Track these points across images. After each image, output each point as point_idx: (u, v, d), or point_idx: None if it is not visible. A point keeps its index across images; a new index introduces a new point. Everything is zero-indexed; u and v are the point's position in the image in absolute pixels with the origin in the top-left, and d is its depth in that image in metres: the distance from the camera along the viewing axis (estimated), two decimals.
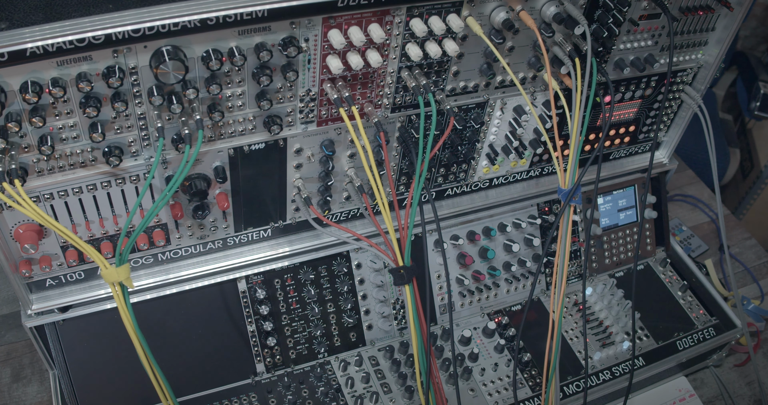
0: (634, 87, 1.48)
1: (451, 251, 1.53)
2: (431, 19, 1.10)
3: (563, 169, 1.27)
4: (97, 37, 0.89)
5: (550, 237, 1.32)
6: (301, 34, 1.03)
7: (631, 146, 1.65)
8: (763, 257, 1.97)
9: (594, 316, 1.63)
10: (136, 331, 1.05)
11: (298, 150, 1.21)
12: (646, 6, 1.31)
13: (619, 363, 1.55)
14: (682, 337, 1.62)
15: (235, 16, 0.94)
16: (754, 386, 1.66)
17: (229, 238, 1.32)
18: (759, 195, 2.77)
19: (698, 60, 1.51)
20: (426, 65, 1.19)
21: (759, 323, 1.72)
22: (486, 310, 1.58)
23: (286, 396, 1.39)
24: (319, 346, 1.45)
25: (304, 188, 1.26)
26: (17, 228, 1.10)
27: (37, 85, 0.92)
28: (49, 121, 0.98)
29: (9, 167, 0.96)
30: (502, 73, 1.28)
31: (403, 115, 1.25)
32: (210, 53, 0.98)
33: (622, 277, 1.72)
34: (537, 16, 1.20)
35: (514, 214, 1.59)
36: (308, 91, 1.13)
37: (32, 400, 1.45)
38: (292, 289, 1.42)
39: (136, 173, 1.11)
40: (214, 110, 1.06)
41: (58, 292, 1.25)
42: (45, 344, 1.30)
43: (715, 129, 1.48)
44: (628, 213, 1.74)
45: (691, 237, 1.96)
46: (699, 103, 1.53)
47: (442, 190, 1.46)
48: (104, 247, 1.19)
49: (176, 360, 1.35)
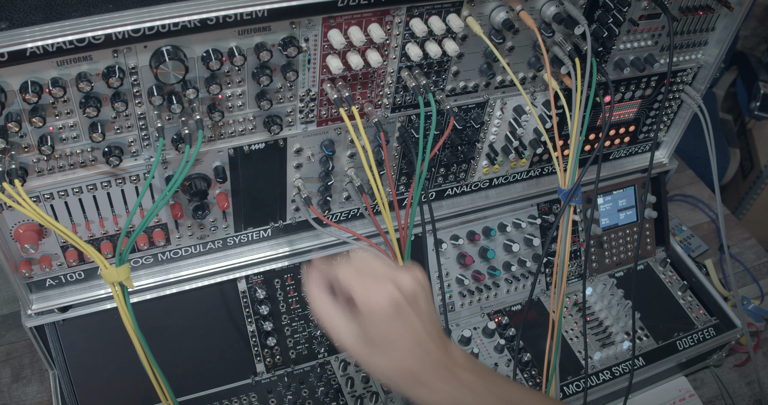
0: (634, 87, 1.48)
1: (451, 251, 1.53)
2: (431, 19, 1.10)
3: (563, 169, 1.27)
4: (97, 37, 0.89)
5: (550, 237, 1.32)
6: (301, 34, 1.03)
7: (631, 146, 1.65)
8: (763, 257, 1.97)
9: (594, 316, 1.63)
10: (136, 331, 1.05)
11: (298, 150, 1.21)
12: (646, 6, 1.31)
13: (619, 363, 1.55)
14: (682, 337, 1.62)
15: (235, 16, 0.94)
16: (754, 386, 1.66)
17: (229, 238, 1.32)
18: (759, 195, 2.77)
19: (698, 60, 1.51)
20: (426, 65, 1.19)
21: (759, 323, 1.72)
22: (486, 310, 1.58)
23: (286, 396, 1.39)
24: (319, 346, 1.45)
25: (304, 188, 1.26)
26: (17, 228, 1.10)
27: (37, 85, 0.91)
28: (49, 121, 0.98)
29: (9, 167, 0.96)
30: (502, 73, 1.28)
31: (403, 115, 1.25)
32: (210, 53, 0.98)
33: (622, 277, 1.72)
34: (537, 16, 1.20)
35: (514, 214, 1.59)
36: (308, 91, 1.13)
37: (32, 400, 1.45)
38: (292, 289, 1.42)
39: (136, 173, 1.11)
40: (214, 110, 1.06)
41: (58, 292, 1.25)
42: (45, 344, 1.30)
43: (715, 129, 1.48)
44: (628, 213, 1.74)
45: (691, 237, 1.96)
46: (699, 103, 1.53)
47: (442, 190, 1.46)
48: (104, 247, 1.19)
49: (176, 360, 1.35)
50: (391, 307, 0.89)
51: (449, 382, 0.94)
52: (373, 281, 0.91)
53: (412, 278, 0.92)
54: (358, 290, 0.91)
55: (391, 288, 0.90)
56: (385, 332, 0.91)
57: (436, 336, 0.93)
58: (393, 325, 0.90)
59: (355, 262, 0.94)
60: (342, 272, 0.93)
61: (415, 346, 0.91)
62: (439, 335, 0.94)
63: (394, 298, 0.90)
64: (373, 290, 0.90)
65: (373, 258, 0.96)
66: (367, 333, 0.91)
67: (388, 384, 0.97)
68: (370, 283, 0.91)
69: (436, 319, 0.95)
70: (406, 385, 0.93)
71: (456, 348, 0.97)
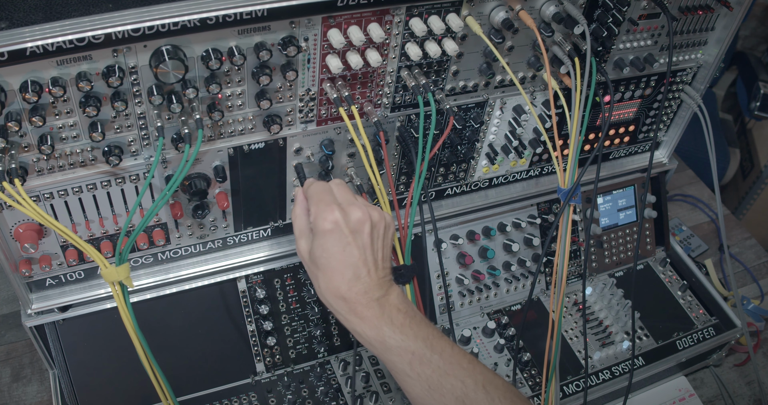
0: (633, 87, 1.48)
1: (450, 251, 1.53)
2: (431, 19, 1.10)
3: (563, 169, 1.27)
4: (97, 37, 0.89)
5: (550, 237, 1.32)
6: (300, 33, 1.03)
7: (631, 146, 1.65)
8: (763, 257, 1.97)
9: (594, 316, 1.63)
10: (136, 330, 1.05)
11: (298, 149, 1.21)
12: (646, 5, 1.31)
13: (619, 363, 1.55)
14: (682, 336, 1.62)
15: (234, 15, 0.94)
16: (754, 386, 1.66)
17: (229, 237, 1.32)
18: (759, 195, 2.78)
19: (698, 60, 1.51)
20: (425, 65, 1.19)
21: (759, 323, 1.72)
22: (486, 310, 1.58)
23: (285, 396, 1.39)
24: (318, 345, 1.45)
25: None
26: (17, 227, 1.10)
27: (37, 85, 0.92)
28: (48, 120, 0.98)
29: (9, 167, 0.96)
30: (502, 72, 1.29)
31: (402, 114, 1.25)
32: (210, 53, 0.98)
33: (621, 277, 1.72)
34: (536, 16, 1.20)
35: (514, 213, 1.59)
36: (308, 91, 1.13)
37: (32, 400, 1.45)
38: (291, 289, 1.42)
39: (135, 173, 1.11)
40: (213, 110, 1.06)
41: (58, 292, 1.25)
42: (45, 344, 1.30)
43: (715, 129, 1.49)
44: (627, 213, 1.74)
45: (691, 237, 1.96)
46: (699, 103, 1.53)
47: (442, 190, 1.46)
48: (104, 246, 1.19)
49: (176, 360, 1.35)
50: (332, 231, 1.00)
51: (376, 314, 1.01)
52: (325, 205, 1.02)
53: (362, 212, 1.02)
54: (312, 210, 1.03)
55: (337, 214, 1.01)
56: (324, 253, 1.01)
57: (374, 270, 1.02)
58: (331, 246, 1.01)
59: (322, 186, 1.06)
60: (310, 191, 1.06)
61: (348, 271, 1.01)
62: (379, 271, 1.03)
63: (338, 224, 1.00)
64: (322, 213, 1.01)
65: (343, 187, 1.07)
66: (313, 251, 1.03)
67: (328, 306, 1.05)
68: (323, 206, 1.02)
69: (383, 258, 1.04)
70: (340, 309, 1.03)
71: (397, 291, 1.05)
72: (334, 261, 1.00)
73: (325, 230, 1.01)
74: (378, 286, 1.02)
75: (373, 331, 1.01)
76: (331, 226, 1.00)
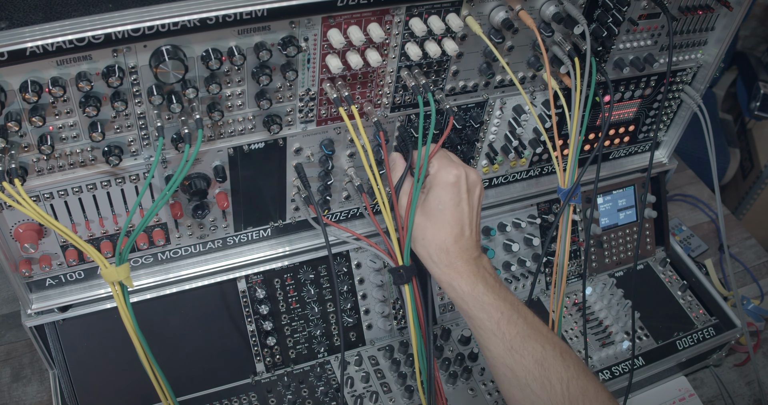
0: (633, 86, 1.48)
1: None
2: (430, 19, 1.10)
3: (563, 169, 1.27)
4: (96, 37, 0.89)
5: (550, 237, 1.32)
6: (300, 33, 1.03)
7: (631, 146, 1.65)
8: (763, 257, 1.97)
9: (594, 316, 1.63)
10: (136, 330, 1.05)
11: (298, 149, 1.21)
12: (646, 5, 1.31)
13: (619, 363, 1.55)
14: (682, 336, 1.62)
15: (234, 15, 0.94)
16: (754, 386, 1.66)
17: (229, 237, 1.32)
18: (759, 195, 2.78)
19: (698, 60, 1.51)
20: (425, 65, 1.19)
21: (759, 323, 1.72)
22: None
23: (285, 395, 1.39)
24: (318, 345, 1.45)
25: (303, 188, 1.26)
26: (17, 227, 1.10)
27: (36, 85, 0.92)
28: (48, 120, 0.98)
29: (9, 167, 0.96)
30: (502, 72, 1.29)
31: (402, 114, 1.25)
32: (210, 53, 0.98)
33: (621, 277, 1.72)
34: (536, 16, 1.20)
35: (514, 213, 1.59)
36: (308, 91, 1.13)
37: (32, 400, 1.45)
38: (291, 289, 1.42)
39: (135, 173, 1.11)
40: (213, 110, 1.06)
41: (58, 292, 1.25)
42: (45, 344, 1.30)
43: (715, 129, 1.49)
44: (627, 213, 1.74)
45: (690, 237, 1.96)
46: (699, 103, 1.53)
47: None
48: (104, 246, 1.19)
49: (176, 360, 1.35)
50: (454, 183, 1.11)
51: (473, 271, 1.10)
52: (448, 162, 1.14)
53: (477, 176, 1.16)
54: (435, 164, 1.14)
55: (461, 171, 1.12)
56: (441, 202, 1.11)
57: (475, 231, 1.14)
58: (448, 198, 1.11)
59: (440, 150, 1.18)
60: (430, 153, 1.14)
61: (457, 224, 1.11)
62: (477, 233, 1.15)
63: (460, 178, 1.12)
64: (446, 167, 1.13)
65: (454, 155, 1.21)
66: (428, 202, 1.12)
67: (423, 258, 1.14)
68: (446, 162, 1.14)
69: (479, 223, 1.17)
70: (440, 261, 1.11)
71: (486, 257, 1.16)
72: (447, 213, 1.11)
73: (448, 182, 1.11)
74: (475, 246, 1.13)
75: (469, 287, 1.09)
76: (454, 179, 1.11)
